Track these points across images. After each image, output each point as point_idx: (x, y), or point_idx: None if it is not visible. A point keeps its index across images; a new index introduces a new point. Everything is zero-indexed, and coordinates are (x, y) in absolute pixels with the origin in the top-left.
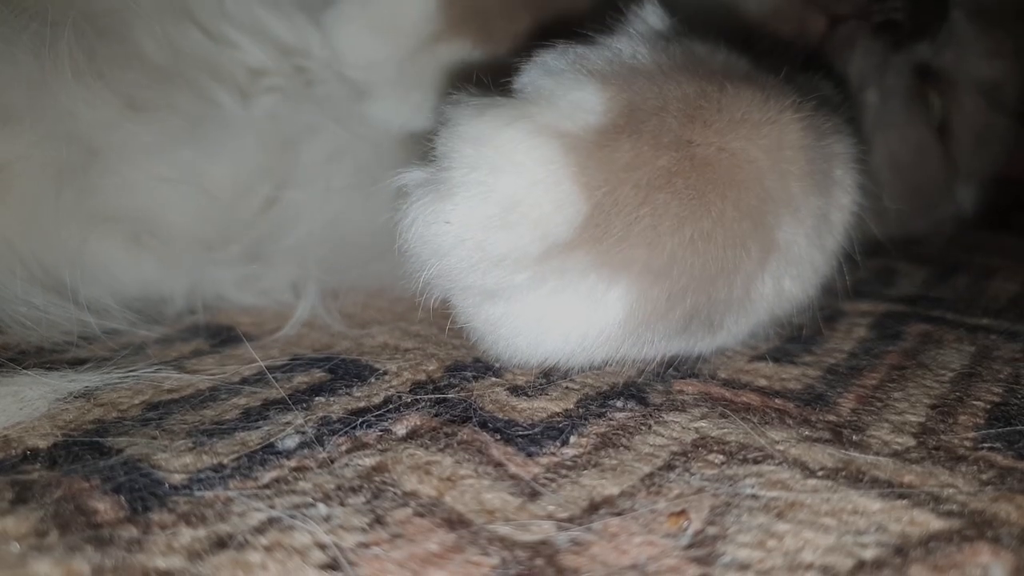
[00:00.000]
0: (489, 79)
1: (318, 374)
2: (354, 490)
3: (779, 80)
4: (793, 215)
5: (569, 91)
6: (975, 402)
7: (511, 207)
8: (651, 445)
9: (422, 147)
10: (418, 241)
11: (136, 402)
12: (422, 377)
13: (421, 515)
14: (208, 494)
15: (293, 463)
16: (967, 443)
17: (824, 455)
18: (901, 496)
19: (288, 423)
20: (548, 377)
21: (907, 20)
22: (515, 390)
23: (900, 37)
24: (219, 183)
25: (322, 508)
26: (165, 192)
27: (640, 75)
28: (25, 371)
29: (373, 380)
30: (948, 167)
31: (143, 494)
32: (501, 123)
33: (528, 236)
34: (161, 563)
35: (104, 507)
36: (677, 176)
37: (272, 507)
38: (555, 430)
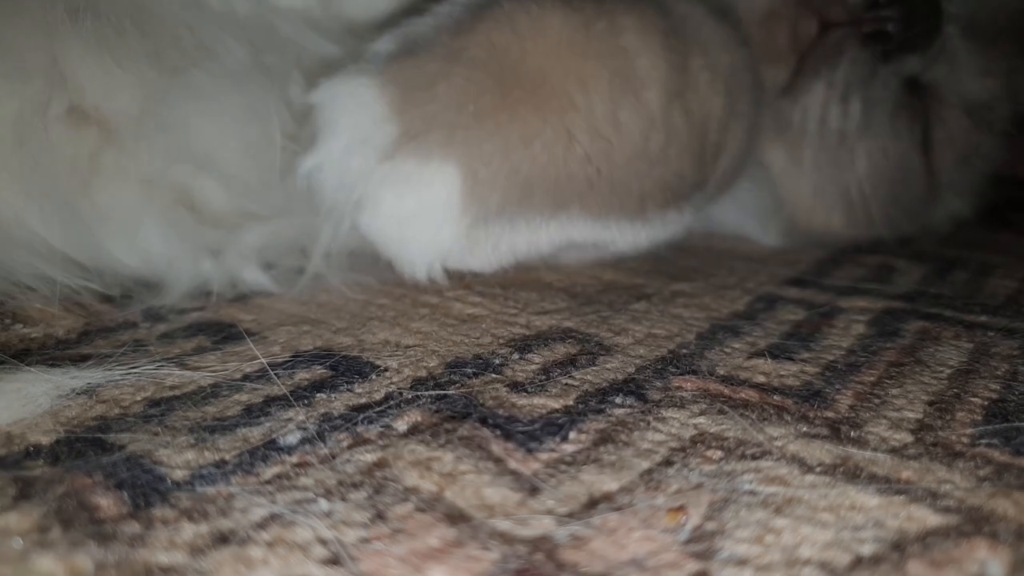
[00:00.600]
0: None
1: (319, 371)
2: (355, 486)
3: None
4: (577, 81)
5: (373, 49)
6: (973, 399)
7: (352, 139)
8: (650, 441)
9: None
10: (313, 187)
11: (138, 399)
12: (423, 374)
13: (422, 510)
14: (210, 490)
15: (295, 459)
16: (965, 439)
17: (822, 451)
18: (899, 492)
19: (290, 419)
20: (548, 373)
21: (899, 32)
22: (515, 386)
23: (891, 48)
24: (238, 136)
25: (324, 504)
26: (182, 148)
27: (428, 19)
28: (28, 368)
29: (374, 377)
30: (929, 182)
31: (145, 490)
32: (329, 84)
33: (365, 153)
34: (163, 559)
35: (106, 503)
36: (451, 74)
37: (274, 503)
38: (555, 426)
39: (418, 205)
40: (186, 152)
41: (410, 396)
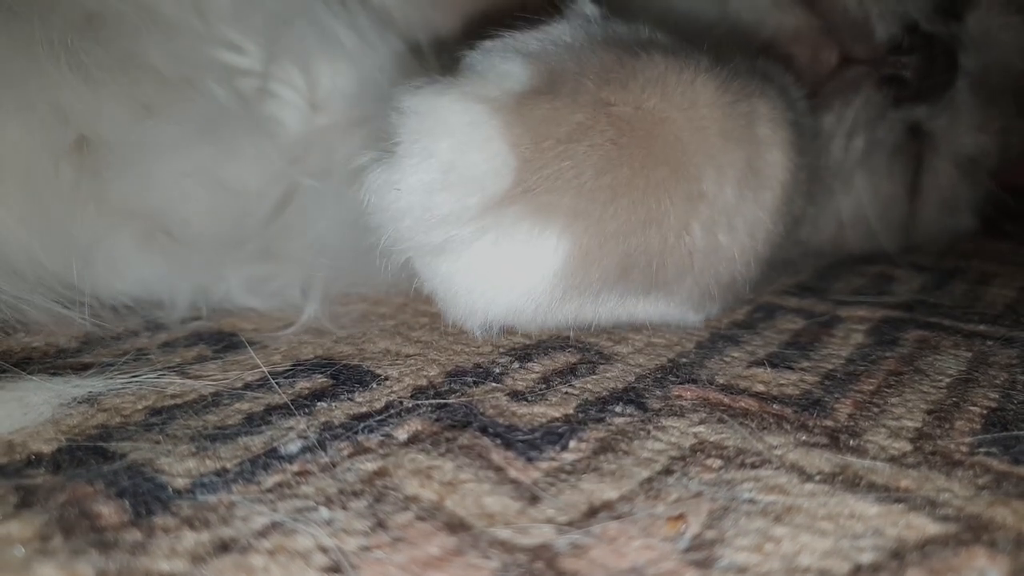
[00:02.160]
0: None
1: (320, 380)
2: (356, 494)
3: (697, 51)
4: (715, 168)
5: (496, 64)
6: (972, 407)
7: (449, 169)
8: (650, 450)
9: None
10: (376, 210)
11: (139, 407)
12: (423, 382)
13: (422, 519)
14: (211, 498)
15: (296, 468)
16: (963, 448)
17: (821, 460)
18: (898, 501)
19: (291, 428)
20: (548, 383)
21: (916, 80)
22: (515, 395)
23: (904, 95)
24: (234, 182)
25: (324, 512)
26: (180, 190)
27: (562, 49)
28: (29, 376)
29: (375, 386)
30: (909, 224)
31: (146, 498)
32: (435, 94)
33: (467, 193)
34: (164, 567)
35: (108, 511)
36: (594, 131)
37: (275, 511)
38: (555, 435)
39: (513, 267)
40: (161, 186)
41: (411, 405)
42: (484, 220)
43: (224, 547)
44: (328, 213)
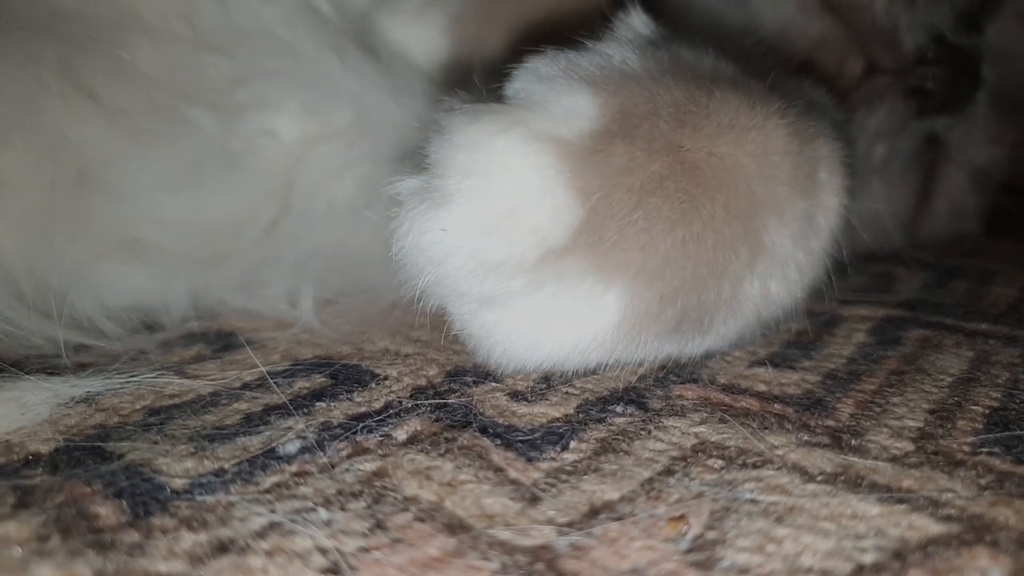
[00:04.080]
0: (480, 83)
1: (319, 379)
2: (355, 495)
3: (765, 85)
4: (779, 218)
5: (562, 97)
6: (974, 407)
7: (507, 214)
8: (651, 450)
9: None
10: (413, 249)
11: (137, 407)
12: (422, 382)
13: (421, 520)
14: (209, 499)
15: (294, 468)
16: (966, 448)
17: (823, 460)
18: (900, 501)
19: (289, 428)
20: (548, 382)
21: (940, 92)
22: (515, 395)
23: (927, 106)
24: (221, 205)
25: (323, 513)
26: (165, 214)
27: (630, 80)
28: (27, 376)
29: (374, 385)
30: (917, 228)
31: (145, 499)
32: (495, 129)
33: (524, 242)
34: (163, 568)
35: (106, 512)
36: (669, 180)
37: (273, 512)
38: (555, 435)
39: (566, 323)
40: (154, 213)
41: (410, 405)
42: (540, 273)
43: (222, 548)
44: (320, 232)
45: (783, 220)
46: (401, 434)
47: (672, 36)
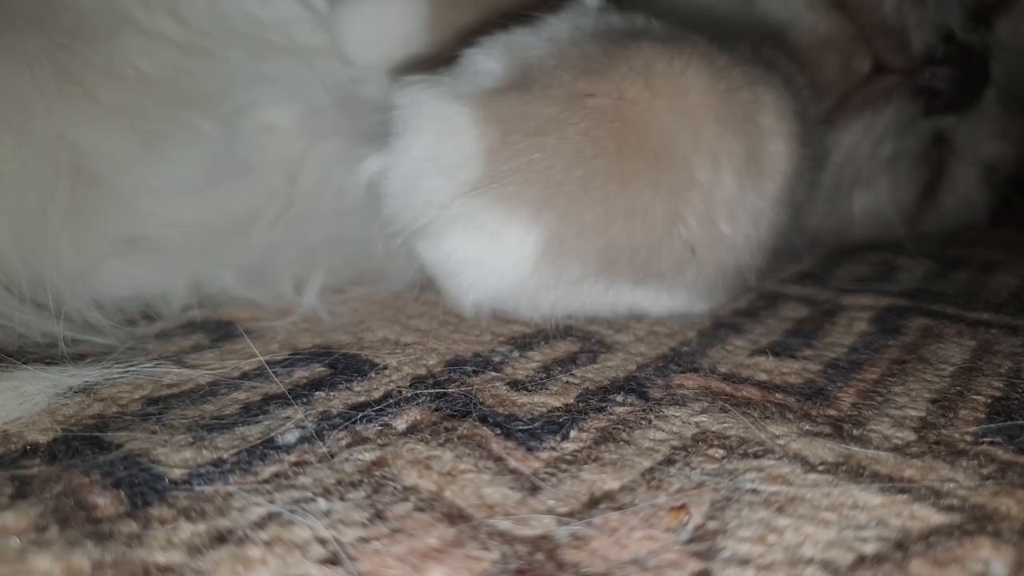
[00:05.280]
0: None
1: (318, 369)
2: (354, 485)
3: (693, 38)
4: (712, 157)
5: (477, 62)
6: (976, 396)
7: (427, 157)
8: (651, 440)
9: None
10: (372, 194)
11: (136, 397)
12: (422, 372)
13: (421, 510)
14: (208, 489)
15: (293, 458)
16: (968, 438)
17: (825, 449)
18: (902, 491)
19: (288, 418)
20: (548, 372)
21: (949, 92)
22: (515, 385)
23: (936, 105)
24: (226, 202)
25: (322, 503)
26: (167, 211)
27: (546, 42)
28: (25, 366)
29: (373, 375)
30: (921, 226)
31: (143, 489)
32: (419, 91)
33: (439, 181)
34: (161, 558)
35: (104, 502)
36: (567, 124)
37: (272, 502)
38: (555, 424)
39: (488, 256)
40: (157, 211)
41: (409, 394)
42: (457, 208)
43: (221, 538)
44: (326, 223)
45: (716, 159)
46: (400, 423)
47: (615, 8)
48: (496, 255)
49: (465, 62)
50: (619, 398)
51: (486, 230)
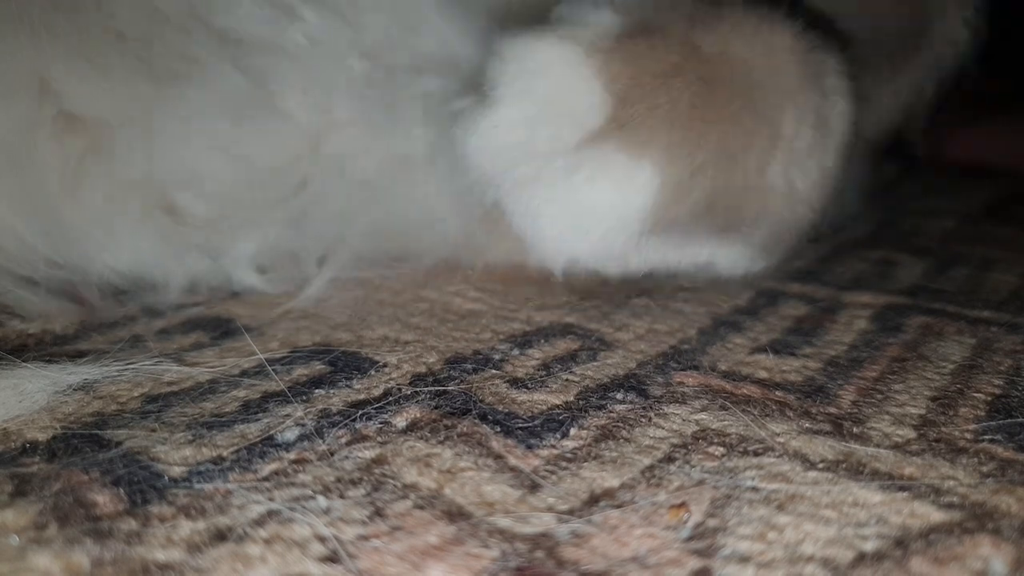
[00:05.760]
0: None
1: (318, 366)
2: (354, 482)
3: (773, 7)
4: (794, 107)
5: (588, 13)
6: (976, 394)
7: (548, 105)
8: (651, 437)
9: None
10: (473, 149)
11: (135, 395)
12: (422, 369)
13: (421, 507)
14: (207, 487)
15: (292, 456)
16: (968, 435)
17: (825, 447)
18: (902, 488)
19: (288, 416)
20: (548, 369)
21: None
22: (515, 382)
23: None
24: (253, 157)
25: (322, 501)
26: (189, 162)
27: (648, 4)
28: (24, 364)
29: (373, 372)
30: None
31: (142, 487)
32: (533, 39)
33: (564, 128)
34: (160, 556)
35: (103, 500)
36: (688, 69)
37: (271, 500)
38: (555, 422)
39: (607, 200)
40: (172, 162)
41: (409, 392)
42: (580, 154)
43: (220, 536)
44: (350, 196)
45: (799, 110)
46: (400, 421)
47: None
48: (619, 200)
49: (570, 14)
50: (619, 396)
51: (611, 176)
